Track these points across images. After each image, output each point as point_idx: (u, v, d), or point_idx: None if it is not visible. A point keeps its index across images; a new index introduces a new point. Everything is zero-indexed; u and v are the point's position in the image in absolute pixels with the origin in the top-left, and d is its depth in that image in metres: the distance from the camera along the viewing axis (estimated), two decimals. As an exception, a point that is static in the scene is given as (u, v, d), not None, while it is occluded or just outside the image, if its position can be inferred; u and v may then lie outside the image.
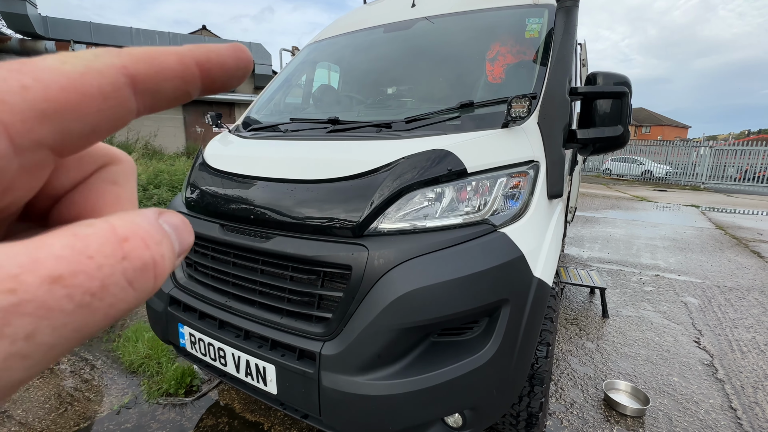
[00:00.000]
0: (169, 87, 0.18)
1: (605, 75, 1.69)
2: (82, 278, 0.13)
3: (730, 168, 16.48)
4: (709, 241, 6.09)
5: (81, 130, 0.15)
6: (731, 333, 2.99)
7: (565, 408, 2.08)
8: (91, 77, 0.15)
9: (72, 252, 0.13)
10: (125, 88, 0.16)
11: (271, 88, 2.51)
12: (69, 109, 0.15)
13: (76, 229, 0.14)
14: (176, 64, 0.18)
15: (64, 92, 0.14)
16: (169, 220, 0.17)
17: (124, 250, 0.14)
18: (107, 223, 0.15)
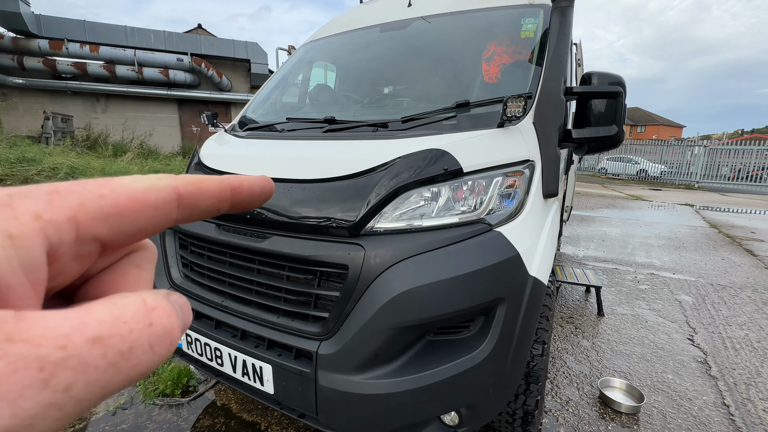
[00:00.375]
0: (205, 204, 0.22)
1: (600, 75, 1.70)
2: (117, 340, 0.15)
3: (723, 167, 16.65)
4: (703, 239, 6.14)
5: (130, 231, 0.19)
6: (724, 330, 3.02)
7: (561, 406, 2.09)
8: (150, 192, 0.19)
9: (111, 317, 0.16)
10: (173, 203, 0.20)
11: (268, 87, 2.51)
12: (128, 215, 0.19)
13: (115, 299, 0.17)
14: (215, 188, 0.22)
15: (129, 202, 0.19)
16: (176, 300, 0.20)
17: (151, 317, 0.17)
18: (139, 296, 0.18)
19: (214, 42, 14.80)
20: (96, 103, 13.93)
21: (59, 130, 11.00)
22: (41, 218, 0.16)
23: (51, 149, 7.53)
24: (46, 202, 0.16)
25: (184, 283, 1.61)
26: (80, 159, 6.57)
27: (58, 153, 6.81)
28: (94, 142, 10.99)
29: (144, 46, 13.58)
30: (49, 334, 0.14)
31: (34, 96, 12.89)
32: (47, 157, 6.03)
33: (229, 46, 14.80)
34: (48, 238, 0.16)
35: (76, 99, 13.51)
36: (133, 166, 6.57)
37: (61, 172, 5.27)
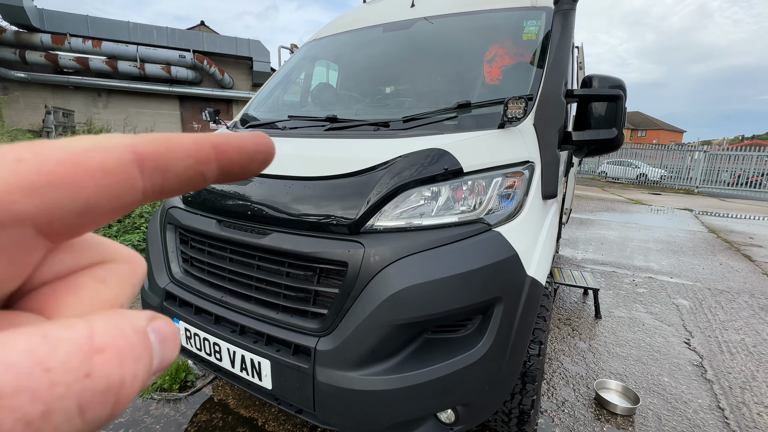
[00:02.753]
0: (180, 166, 0.16)
1: (600, 78, 1.71)
2: (24, 399, 0.10)
3: (723, 173, 16.68)
4: (702, 244, 6.16)
5: (73, 207, 0.14)
6: (721, 335, 3.03)
7: (557, 406, 2.10)
8: (94, 153, 0.14)
9: (30, 360, 0.11)
10: (131, 165, 0.15)
11: (270, 85, 2.51)
12: (63, 183, 0.13)
13: (49, 330, 0.12)
14: (190, 145, 0.17)
15: (61, 165, 0.13)
16: (159, 329, 0.15)
17: (90, 364, 0.12)
18: (87, 327, 0.13)
19: (217, 39, 14.80)
20: (97, 98, 13.92)
21: (60, 125, 11.00)
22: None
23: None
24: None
25: (184, 278, 1.62)
26: (81, 154, 6.57)
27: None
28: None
29: (146, 42, 13.58)
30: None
31: (35, 90, 12.89)
32: (48, 151, 6.04)
33: (232, 44, 14.80)
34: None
35: (77, 94, 13.51)
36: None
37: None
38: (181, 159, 0.16)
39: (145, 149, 0.15)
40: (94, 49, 12.77)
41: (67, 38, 12.40)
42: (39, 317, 0.15)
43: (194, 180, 0.17)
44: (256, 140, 0.20)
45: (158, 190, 0.16)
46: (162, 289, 1.63)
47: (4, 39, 11.94)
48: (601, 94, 1.65)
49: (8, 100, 11.20)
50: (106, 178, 0.14)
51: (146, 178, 0.15)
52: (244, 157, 0.19)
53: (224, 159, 0.18)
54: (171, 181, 0.16)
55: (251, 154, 0.19)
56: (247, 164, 0.19)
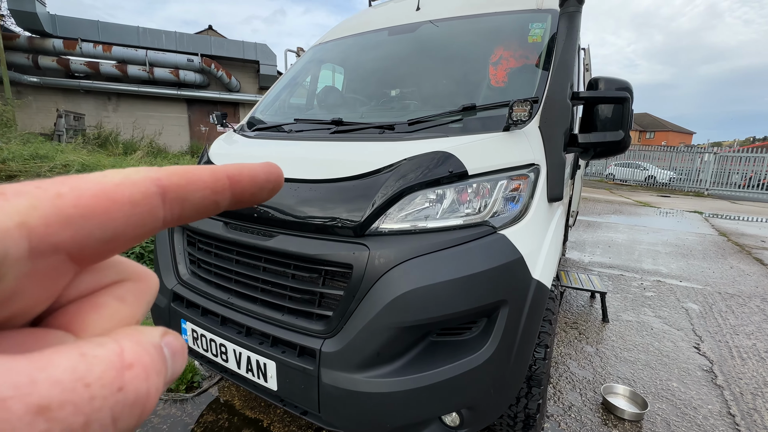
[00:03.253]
0: (197, 197, 0.18)
1: (607, 80, 1.70)
2: (68, 412, 0.12)
3: (734, 174, 16.43)
4: (712, 247, 6.07)
5: (102, 236, 0.15)
6: (732, 339, 2.98)
7: (563, 411, 2.08)
8: (124, 187, 0.16)
9: (72, 377, 0.12)
10: (155, 197, 0.17)
11: (276, 88, 2.54)
12: (95, 215, 0.15)
13: (86, 349, 0.13)
14: (208, 177, 0.19)
15: (94, 199, 0.15)
16: (171, 344, 0.16)
17: (123, 379, 0.13)
18: (117, 345, 0.14)
19: (224, 43, 14.98)
20: (107, 102, 14.16)
21: (71, 128, 11.19)
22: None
23: (63, 146, 7.68)
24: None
25: (191, 280, 1.64)
26: (91, 156, 6.68)
27: (70, 150, 6.93)
28: (104, 140, 11.15)
29: (155, 47, 13.80)
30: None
31: (47, 94, 13.15)
32: (59, 154, 6.15)
33: (239, 48, 14.97)
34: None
35: (88, 97, 13.75)
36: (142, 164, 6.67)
37: (73, 169, 5.37)
38: (199, 190, 0.18)
39: (168, 182, 0.17)
40: (105, 53, 13.01)
41: (78, 43, 12.65)
42: (68, 335, 0.16)
43: (209, 208, 0.19)
44: (267, 170, 0.21)
45: (176, 217, 0.18)
46: (170, 290, 1.65)
47: (17, 44, 12.21)
48: (607, 96, 1.64)
49: (21, 104, 11.43)
50: (133, 209, 0.16)
51: (167, 208, 0.17)
52: (255, 186, 0.21)
53: (237, 189, 0.20)
54: (188, 210, 0.18)
55: (261, 183, 0.21)
56: (258, 192, 0.21)
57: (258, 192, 0.21)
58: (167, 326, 1.33)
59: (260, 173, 0.21)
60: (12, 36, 12.14)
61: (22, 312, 0.15)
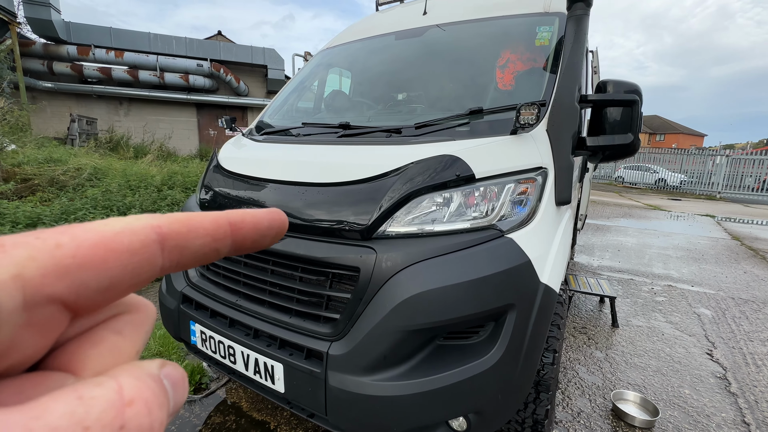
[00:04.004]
0: (198, 244, 0.18)
1: (615, 83, 1.69)
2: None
3: (747, 177, 16.12)
4: (724, 251, 5.96)
5: (98, 286, 0.15)
6: (746, 346, 2.92)
7: (572, 417, 2.05)
8: (123, 235, 0.15)
9: (69, 421, 0.12)
10: (154, 245, 0.16)
11: (284, 93, 2.57)
12: (92, 265, 0.14)
13: (83, 391, 0.13)
14: (209, 224, 0.18)
15: (93, 249, 0.15)
16: (170, 375, 0.16)
17: (124, 417, 0.13)
18: (115, 383, 0.14)
19: (233, 48, 15.19)
20: (119, 107, 14.43)
21: (84, 132, 11.43)
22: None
23: (76, 150, 7.83)
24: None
25: (201, 282, 1.66)
26: (103, 160, 6.80)
27: (83, 154, 7.07)
28: (116, 144, 11.36)
29: (166, 52, 14.04)
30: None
31: (61, 99, 13.44)
32: (72, 158, 6.27)
33: (247, 52, 15.16)
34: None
35: (100, 102, 14.03)
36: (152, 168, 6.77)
37: (85, 172, 5.47)
38: (199, 237, 0.18)
39: (168, 230, 0.17)
40: (117, 59, 13.28)
41: (91, 49, 12.94)
42: (68, 375, 0.16)
43: (209, 255, 0.19)
44: (271, 217, 0.21)
45: (174, 265, 0.17)
46: (179, 292, 1.67)
47: (33, 51, 12.53)
48: (616, 99, 1.63)
49: (36, 109, 11.70)
50: (131, 258, 0.16)
51: (166, 256, 0.17)
52: (258, 233, 0.20)
53: (239, 236, 0.19)
54: (188, 257, 0.18)
55: (264, 230, 0.21)
56: (260, 240, 0.21)
57: (260, 239, 0.20)
58: (176, 328, 1.34)
59: (263, 220, 0.20)
60: (28, 43, 12.46)
61: (20, 361, 0.15)
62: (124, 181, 5.33)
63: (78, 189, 5.03)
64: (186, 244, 0.17)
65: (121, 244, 0.15)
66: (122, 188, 5.07)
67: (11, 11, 10.73)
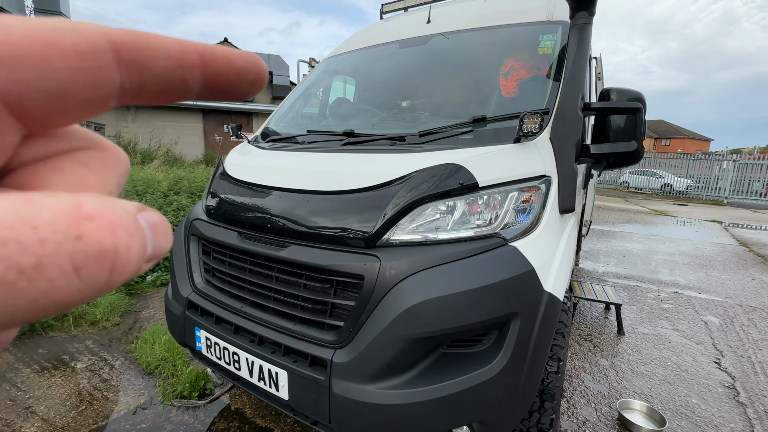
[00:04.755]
0: (160, 65, 0.16)
1: (619, 91, 1.70)
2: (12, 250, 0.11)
3: (755, 182, 15.95)
4: (732, 258, 5.89)
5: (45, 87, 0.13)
6: (754, 355, 2.88)
7: (577, 426, 2.03)
8: (65, 33, 0.13)
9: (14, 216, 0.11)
10: (106, 53, 0.14)
11: (289, 100, 2.60)
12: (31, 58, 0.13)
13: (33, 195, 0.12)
14: (173, 46, 0.16)
15: (28, 39, 0.13)
16: (148, 218, 0.15)
17: (81, 228, 0.12)
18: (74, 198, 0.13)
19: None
20: (127, 113, 14.63)
21: (92, 138, 11.58)
22: None
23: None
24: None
25: (206, 288, 1.68)
26: (110, 165, 6.88)
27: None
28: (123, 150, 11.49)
29: (173, 59, 14.24)
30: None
31: (70, 105, 13.64)
32: (80, 163, 6.36)
33: (253, 59, 15.33)
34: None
35: (108, 108, 14.22)
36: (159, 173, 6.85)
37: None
38: (161, 58, 0.16)
39: (121, 39, 0.15)
40: (125, 66, 13.47)
41: (100, 56, 13.12)
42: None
43: (176, 85, 0.17)
44: (246, 57, 0.19)
45: (136, 86, 0.16)
46: (185, 298, 1.69)
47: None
48: (620, 107, 1.64)
49: (45, 115, 11.87)
50: (78, 61, 0.14)
51: (123, 71, 0.15)
52: (232, 72, 0.18)
53: (210, 69, 0.17)
54: (150, 80, 0.16)
55: (240, 71, 0.18)
56: (236, 81, 0.18)
57: (236, 81, 0.18)
58: (182, 334, 1.36)
59: (238, 59, 0.18)
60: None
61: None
62: (131, 186, 5.39)
63: (86, 194, 5.09)
64: (146, 62, 0.15)
65: (63, 41, 0.13)
66: (129, 194, 5.12)
67: (23, 20, 10.95)
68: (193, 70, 0.17)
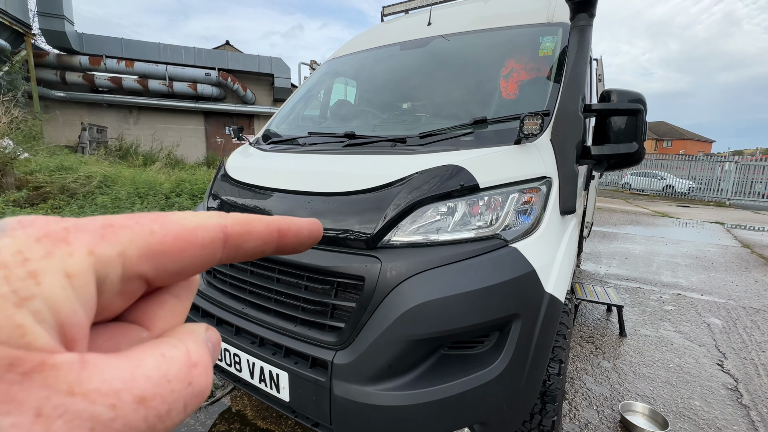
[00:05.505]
0: (250, 246, 0.21)
1: (619, 92, 1.70)
2: (159, 401, 0.15)
3: (758, 184, 15.90)
4: (735, 259, 5.86)
5: (174, 269, 0.19)
6: (758, 357, 2.86)
7: (579, 429, 2.02)
8: (199, 230, 0.19)
9: (158, 374, 0.15)
10: (219, 242, 0.20)
11: (291, 102, 2.61)
12: (174, 253, 0.18)
13: (164, 349, 0.17)
14: (263, 229, 0.22)
15: (177, 240, 0.18)
16: (211, 339, 0.20)
17: (192, 376, 0.17)
18: (185, 346, 0.18)
19: (240, 57, 15.44)
20: (129, 115, 14.69)
21: (94, 140, 11.64)
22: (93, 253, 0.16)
23: (86, 158, 7.97)
24: (100, 236, 0.16)
25: (207, 290, 1.68)
26: (113, 168, 6.92)
27: (93, 162, 7.20)
28: (125, 152, 11.55)
29: (175, 62, 14.31)
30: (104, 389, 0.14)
31: (73, 108, 13.73)
32: (83, 165, 6.39)
33: (254, 62, 15.40)
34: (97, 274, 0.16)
35: (110, 111, 14.30)
36: (161, 175, 6.87)
37: (95, 180, 5.56)
38: (253, 240, 0.21)
39: (232, 230, 0.20)
40: (128, 69, 13.56)
41: (103, 59, 13.22)
42: (141, 328, 0.20)
43: (256, 254, 0.22)
44: (311, 227, 0.24)
45: (229, 259, 0.21)
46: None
47: (47, 62, 12.84)
48: (620, 109, 1.64)
49: (49, 118, 11.96)
50: (201, 251, 0.19)
51: (225, 252, 0.20)
52: (298, 241, 0.24)
53: (282, 242, 0.23)
54: (240, 254, 0.21)
55: (304, 239, 0.24)
56: (298, 246, 0.24)
57: (297, 246, 0.24)
58: None
59: (305, 230, 0.24)
60: (42, 54, 12.78)
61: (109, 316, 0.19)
62: (133, 188, 5.41)
63: (88, 196, 5.12)
64: (242, 244, 0.21)
65: (196, 237, 0.19)
66: (131, 196, 5.14)
67: (27, 23, 11.03)
68: (272, 245, 0.22)
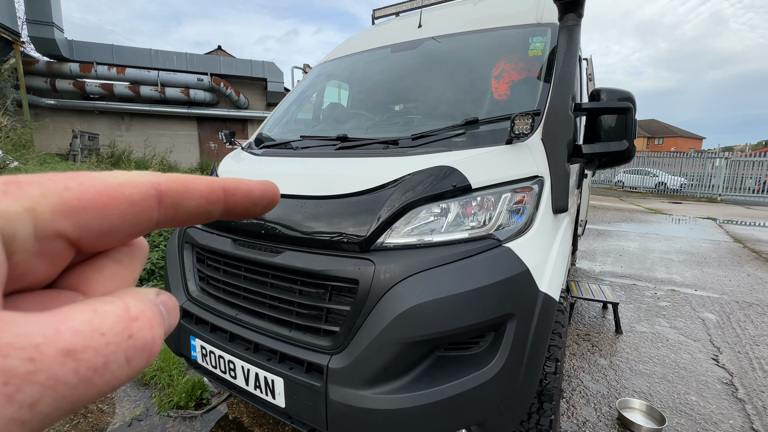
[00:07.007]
0: (192, 204, 0.20)
1: (609, 91, 1.72)
2: (91, 353, 0.14)
3: (748, 179, 16.12)
4: (727, 254, 5.93)
5: (99, 229, 0.17)
6: (752, 350, 2.89)
7: (577, 426, 2.03)
8: (125, 187, 0.18)
9: (89, 327, 0.14)
10: (152, 199, 0.18)
11: (283, 106, 2.60)
12: (95, 209, 0.17)
13: (96, 304, 0.16)
14: (204, 187, 0.20)
15: (97, 195, 0.17)
16: (164, 302, 0.19)
17: (132, 329, 0.16)
18: (122, 301, 0.16)
19: (233, 62, 15.39)
20: (120, 122, 14.57)
21: (86, 148, 11.52)
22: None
23: (78, 166, 7.89)
24: (1, 192, 0.15)
25: (201, 296, 1.66)
26: (105, 175, 6.85)
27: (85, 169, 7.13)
28: (118, 159, 11.45)
29: (167, 67, 14.23)
30: (19, 343, 0.13)
31: (63, 116, 13.59)
32: (74, 173, 6.32)
33: (247, 66, 15.35)
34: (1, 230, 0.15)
35: (102, 118, 14.18)
36: (153, 182, 6.82)
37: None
38: (194, 198, 0.20)
39: (166, 187, 0.19)
40: (119, 75, 13.46)
41: (93, 66, 13.11)
42: (77, 294, 0.19)
43: (202, 216, 0.21)
44: (263, 187, 0.23)
45: (169, 220, 0.20)
46: (179, 307, 1.67)
47: (36, 69, 12.71)
48: (610, 107, 1.65)
49: (39, 126, 11.83)
50: (130, 208, 0.18)
51: (161, 211, 0.19)
52: (249, 201, 0.22)
53: (231, 201, 0.21)
54: (182, 215, 0.20)
55: (256, 199, 0.22)
56: (251, 208, 0.22)
57: (251, 207, 0.22)
58: (177, 343, 1.34)
59: (256, 190, 0.22)
60: (32, 61, 12.65)
61: (35, 283, 0.18)
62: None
63: (80, 204, 5.06)
64: (181, 203, 0.19)
65: (122, 194, 0.17)
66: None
67: (15, 31, 10.92)
68: (218, 204, 0.21)
